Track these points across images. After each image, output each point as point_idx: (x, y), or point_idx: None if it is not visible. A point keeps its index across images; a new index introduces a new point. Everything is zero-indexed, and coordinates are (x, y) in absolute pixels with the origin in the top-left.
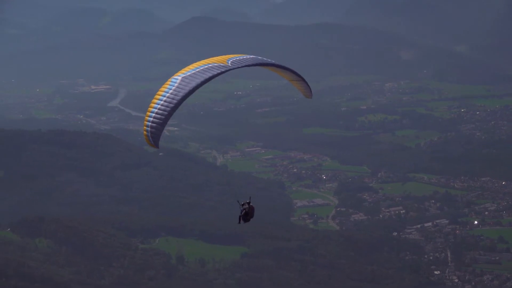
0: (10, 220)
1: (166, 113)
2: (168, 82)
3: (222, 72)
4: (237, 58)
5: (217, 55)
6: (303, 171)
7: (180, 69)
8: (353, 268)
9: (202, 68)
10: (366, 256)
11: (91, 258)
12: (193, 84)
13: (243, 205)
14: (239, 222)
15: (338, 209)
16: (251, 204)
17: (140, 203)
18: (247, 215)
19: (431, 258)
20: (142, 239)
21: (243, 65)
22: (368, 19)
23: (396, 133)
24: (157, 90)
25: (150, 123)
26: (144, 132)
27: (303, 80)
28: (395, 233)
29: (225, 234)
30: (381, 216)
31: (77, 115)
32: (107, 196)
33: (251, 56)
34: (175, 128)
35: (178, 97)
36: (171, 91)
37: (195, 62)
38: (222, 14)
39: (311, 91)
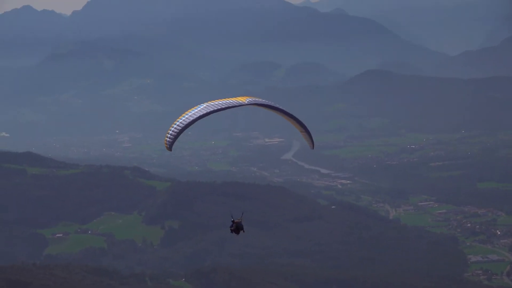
0: (184, 270)
1: (182, 126)
2: (196, 107)
3: (238, 106)
4: (255, 99)
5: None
6: (477, 226)
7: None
8: None
9: (224, 101)
10: None
11: None
12: (210, 110)
13: (233, 221)
14: (232, 232)
15: None
16: (239, 221)
17: (312, 255)
18: (237, 229)
19: None
20: None
21: (257, 103)
22: None
23: None
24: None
25: (170, 132)
26: (165, 138)
27: (307, 131)
28: None
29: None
30: None
31: (251, 168)
32: (280, 248)
33: (270, 102)
34: (348, 181)
35: (195, 117)
36: (193, 112)
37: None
38: (396, 67)
39: (313, 143)
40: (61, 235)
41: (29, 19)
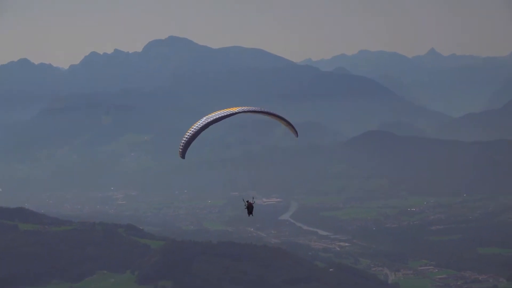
0: None
1: (189, 137)
2: (199, 120)
3: (230, 115)
4: (246, 108)
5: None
6: None
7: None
8: None
9: (218, 113)
10: None
11: None
12: (209, 120)
13: (247, 202)
14: (245, 208)
15: None
16: (251, 202)
17: None
18: (249, 208)
19: None
20: None
21: (245, 111)
22: None
23: None
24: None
25: (181, 142)
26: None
27: (291, 125)
28: None
29: None
30: None
31: (247, 228)
32: None
33: (258, 108)
34: (346, 244)
35: (198, 127)
36: (197, 124)
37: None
38: (397, 128)
39: (296, 132)
40: None
41: (25, 72)
